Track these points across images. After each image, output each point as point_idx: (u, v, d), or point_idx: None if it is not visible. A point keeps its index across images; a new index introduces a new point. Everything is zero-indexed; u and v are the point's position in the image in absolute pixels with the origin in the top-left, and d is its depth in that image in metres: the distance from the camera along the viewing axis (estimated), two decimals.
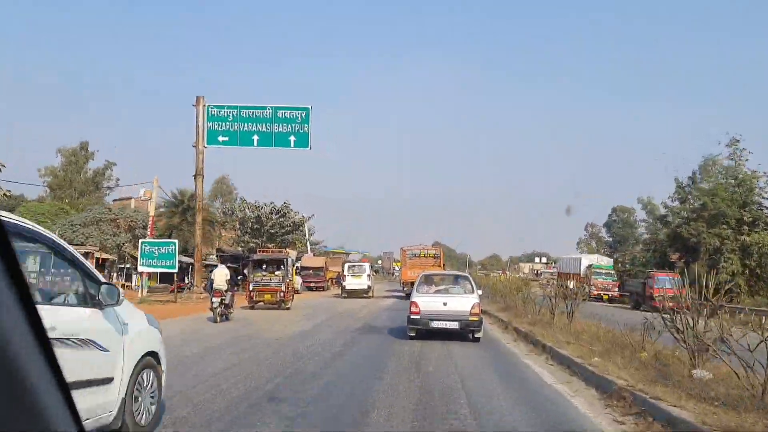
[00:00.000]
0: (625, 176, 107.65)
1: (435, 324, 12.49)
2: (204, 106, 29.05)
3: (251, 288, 22.86)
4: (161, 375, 5.62)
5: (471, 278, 14.34)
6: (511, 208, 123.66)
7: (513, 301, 20.75)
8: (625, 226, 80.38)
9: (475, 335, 12.91)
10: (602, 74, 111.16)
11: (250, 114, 29.38)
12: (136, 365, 5.07)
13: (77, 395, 1.68)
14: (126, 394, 4.86)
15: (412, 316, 12.77)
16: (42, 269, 5.76)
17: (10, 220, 3.90)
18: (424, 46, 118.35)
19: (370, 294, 34.68)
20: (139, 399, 5.11)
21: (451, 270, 29.07)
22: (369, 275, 35.42)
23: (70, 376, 1.49)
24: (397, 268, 57.88)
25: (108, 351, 4.65)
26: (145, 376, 5.24)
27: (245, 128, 29.08)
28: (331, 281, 48.36)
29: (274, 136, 29.07)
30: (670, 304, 9.40)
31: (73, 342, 4.22)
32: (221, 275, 17.67)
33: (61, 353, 1.94)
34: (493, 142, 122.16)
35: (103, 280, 4.86)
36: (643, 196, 76.69)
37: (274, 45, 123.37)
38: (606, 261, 45.29)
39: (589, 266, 41.34)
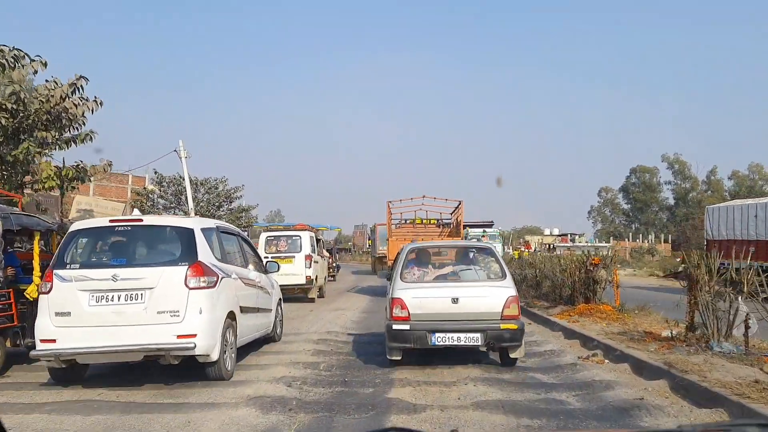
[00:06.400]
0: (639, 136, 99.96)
1: (438, 338, 6.89)
2: None
3: None
4: (283, 311, 10.07)
5: (497, 251, 8.16)
6: (502, 179, 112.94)
7: None
8: (647, 190, 73.57)
9: (511, 354, 7.15)
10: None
11: None
12: (278, 304, 9.56)
13: (262, 316, 8.43)
14: (276, 318, 9.30)
15: (395, 326, 6.98)
16: (237, 249, 8.28)
17: (226, 224, 8.67)
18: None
19: (313, 292, 17.20)
20: (278, 322, 9.49)
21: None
22: (309, 256, 16.85)
23: (262, 305, 8.42)
24: (378, 242, 34.74)
25: (270, 295, 9.05)
26: (280, 311, 9.70)
27: None
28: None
29: None
30: None
31: (260, 287, 8.45)
32: None
33: (257, 293, 8.18)
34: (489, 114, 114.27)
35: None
36: (669, 154, 71.28)
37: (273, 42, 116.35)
38: None
39: None
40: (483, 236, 29.72)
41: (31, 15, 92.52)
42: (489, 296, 7.06)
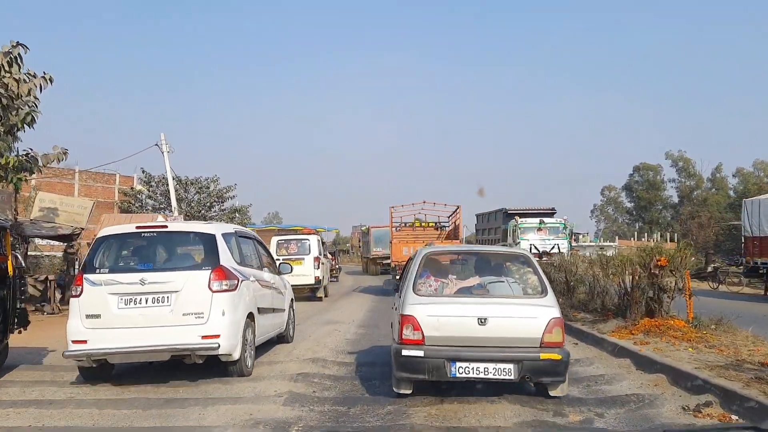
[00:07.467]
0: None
1: (461, 369, 5.44)
2: None
3: None
4: (294, 311, 10.10)
5: (534, 261, 6.27)
6: (490, 173, 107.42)
7: None
8: (650, 188, 71.26)
9: (551, 392, 5.65)
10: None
11: None
12: (290, 305, 9.72)
13: (276, 316, 8.72)
14: (288, 319, 9.46)
15: (405, 351, 5.54)
16: (253, 252, 8.47)
17: (243, 228, 8.97)
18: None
19: (321, 292, 18.51)
20: (290, 323, 9.59)
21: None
22: (317, 258, 18.08)
23: (277, 305, 8.73)
24: (372, 244, 35.15)
25: (283, 296, 9.21)
26: (292, 312, 9.81)
27: None
28: None
29: None
30: None
31: (274, 288, 8.59)
32: None
33: (272, 294, 8.45)
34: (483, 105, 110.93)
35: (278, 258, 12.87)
36: (673, 151, 68.99)
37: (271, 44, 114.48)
38: None
39: None
40: (539, 230, 22.36)
41: (31, 15, 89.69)
42: (526, 317, 5.59)
